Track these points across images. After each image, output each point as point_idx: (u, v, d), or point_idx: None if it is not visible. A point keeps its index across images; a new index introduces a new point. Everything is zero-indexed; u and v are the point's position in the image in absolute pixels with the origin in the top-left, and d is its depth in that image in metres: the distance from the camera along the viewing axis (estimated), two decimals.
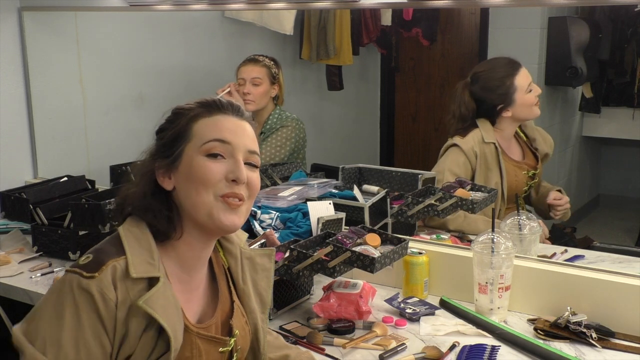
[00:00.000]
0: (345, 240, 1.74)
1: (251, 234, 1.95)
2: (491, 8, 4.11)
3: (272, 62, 2.87)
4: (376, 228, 1.88)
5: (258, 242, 1.81)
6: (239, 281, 1.33)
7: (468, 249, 1.87)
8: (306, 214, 2.01)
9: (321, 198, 2.15)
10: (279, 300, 1.80)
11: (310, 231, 1.97)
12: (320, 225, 1.94)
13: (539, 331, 1.66)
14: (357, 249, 1.72)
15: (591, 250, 2.27)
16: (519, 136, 2.54)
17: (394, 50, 4.60)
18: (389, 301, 1.83)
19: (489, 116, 2.43)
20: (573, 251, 2.16)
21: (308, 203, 2.04)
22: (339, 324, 1.69)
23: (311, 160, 3.11)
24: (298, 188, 2.18)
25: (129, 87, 3.08)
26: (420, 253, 1.90)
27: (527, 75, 2.42)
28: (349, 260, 1.70)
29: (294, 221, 2.02)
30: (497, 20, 4.26)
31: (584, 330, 1.61)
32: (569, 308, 1.66)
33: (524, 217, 2.03)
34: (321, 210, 2.01)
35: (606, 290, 1.68)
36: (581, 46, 4.28)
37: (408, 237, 1.89)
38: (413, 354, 1.57)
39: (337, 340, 1.63)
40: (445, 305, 1.85)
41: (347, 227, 1.92)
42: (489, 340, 1.65)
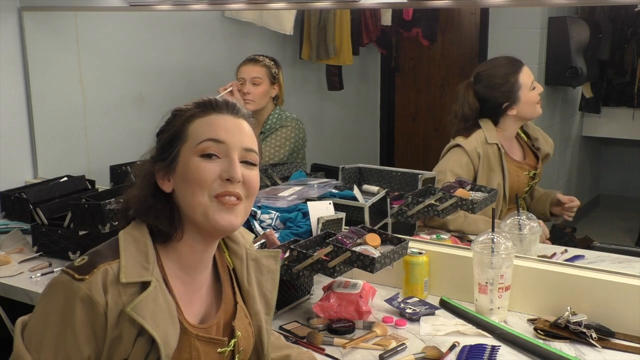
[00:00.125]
0: (345, 240, 1.74)
1: None
2: (491, 8, 4.11)
3: (272, 62, 2.87)
4: (376, 228, 1.88)
5: (258, 242, 1.81)
6: (244, 282, 1.33)
7: (468, 249, 1.87)
8: (306, 214, 2.01)
9: (321, 198, 2.15)
10: (279, 300, 1.78)
11: (310, 231, 1.97)
12: (320, 225, 1.94)
13: (539, 331, 1.66)
14: (357, 249, 1.72)
15: (591, 250, 2.27)
16: (520, 136, 2.54)
17: (394, 50, 4.60)
18: (389, 301, 1.83)
19: (493, 115, 2.43)
20: (573, 251, 2.16)
21: (308, 203, 2.04)
22: (339, 324, 1.69)
23: (311, 160, 3.11)
24: (298, 188, 2.18)
25: (129, 87, 3.08)
26: (420, 253, 1.90)
27: (530, 73, 2.43)
28: (349, 260, 1.70)
29: (294, 221, 2.02)
30: (497, 20, 4.26)
31: (584, 330, 1.61)
32: (569, 308, 1.66)
33: (524, 217, 2.03)
34: (321, 210, 2.01)
35: (606, 290, 1.68)
36: (581, 46, 4.28)
37: (408, 237, 1.89)
38: (413, 354, 1.57)
39: (337, 340, 1.63)
40: (445, 305, 1.85)
41: (347, 227, 1.92)
42: (489, 340, 1.65)
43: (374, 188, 2.32)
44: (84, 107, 2.89)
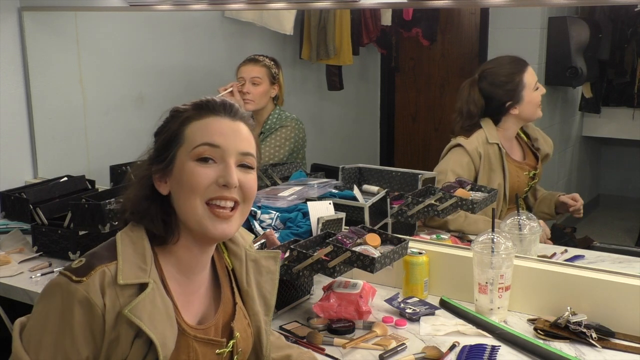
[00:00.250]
0: (345, 240, 1.74)
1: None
2: (491, 8, 4.11)
3: (272, 62, 2.87)
4: (376, 228, 1.88)
5: (258, 243, 1.81)
6: (243, 283, 1.32)
7: (468, 249, 1.87)
8: (306, 214, 2.01)
9: (321, 198, 2.15)
10: (279, 300, 1.79)
11: (310, 231, 1.97)
12: (320, 225, 1.94)
13: (539, 331, 1.66)
14: (357, 249, 1.72)
15: (591, 250, 2.27)
16: (520, 137, 2.54)
17: (394, 50, 4.60)
18: (389, 301, 1.83)
19: (495, 115, 2.43)
20: (573, 251, 2.16)
21: (308, 203, 2.04)
22: (339, 324, 1.69)
23: (311, 160, 3.11)
24: (298, 188, 2.18)
25: (129, 87, 3.08)
26: (420, 253, 1.90)
27: (534, 73, 2.43)
28: (349, 260, 1.70)
29: (294, 221, 2.01)
30: (497, 20, 4.26)
31: (584, 330, 1.61)
32: (569, 308, 1.66)
33: (524, 217, 2.03)
34: (321, 210, 2.01)
35: (606, 290, 1.68)
36: (581, 46, 4.28)
37: (408, 237, 1.89)
38: (413, 354, 1.57)
39: (337, 340, 1.63)
40: (445, 305, 1.84)
41: (347, 227, 1.92)
42: (489, 340, 1.65)
43: (374, 188, 2.32)
44: (84, 107, 2.89)
